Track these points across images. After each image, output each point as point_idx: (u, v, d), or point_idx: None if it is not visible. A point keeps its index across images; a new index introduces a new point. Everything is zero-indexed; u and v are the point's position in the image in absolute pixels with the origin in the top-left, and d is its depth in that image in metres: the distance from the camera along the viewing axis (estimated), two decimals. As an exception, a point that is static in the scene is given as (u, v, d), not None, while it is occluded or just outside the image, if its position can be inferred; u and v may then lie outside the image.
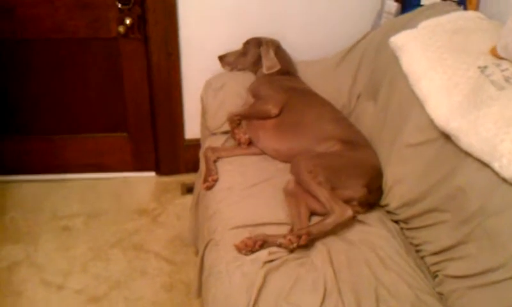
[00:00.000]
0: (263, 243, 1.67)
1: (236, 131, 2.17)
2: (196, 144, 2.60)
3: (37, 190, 2.80)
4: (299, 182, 1.86)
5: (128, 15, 2.42)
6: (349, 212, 1.73)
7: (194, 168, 2.36)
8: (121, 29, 2.43)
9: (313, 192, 1.79)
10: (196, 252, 2.21)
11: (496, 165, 1.41)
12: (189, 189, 2.74)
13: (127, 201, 2.75)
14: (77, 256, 2.41)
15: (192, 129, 2.76)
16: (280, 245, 1.66)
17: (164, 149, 2.86)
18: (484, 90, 1.58)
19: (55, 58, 2.56)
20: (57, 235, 2.52)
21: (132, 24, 2.44)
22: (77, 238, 2.51)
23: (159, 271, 2.34)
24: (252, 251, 1.66)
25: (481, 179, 1.48)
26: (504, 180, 1.40)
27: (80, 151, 2.83)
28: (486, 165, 1.46)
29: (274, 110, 2.12)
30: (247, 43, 2.44)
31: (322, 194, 1.76)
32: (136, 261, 2.39)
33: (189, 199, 2.53)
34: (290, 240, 1.64)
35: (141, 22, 2.46)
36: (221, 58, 2.46)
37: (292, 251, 1.68)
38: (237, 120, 2.19)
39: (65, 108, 2.71)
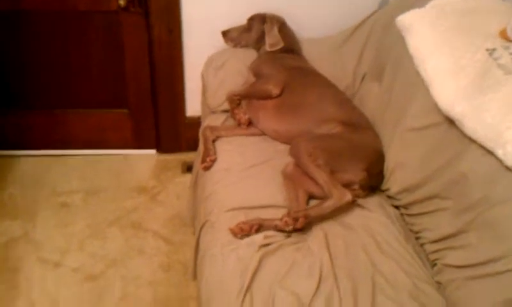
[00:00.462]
0: (259, 227, 1.64)
1: (236, 111, 2.12)
2: (197, 122, 2.54)
3: (37, 165, 2.77)
4: (298, 164, 1.81)
5: (129, -12, 2.36)
6: (348, 196, 1.68)
7: (196, 146, 2.30)
8: (121, 1, 2.37)
9: (311, 175, 1.74)
10: (194, 232, 2.17)
11: (500, 153, 1.35)
12: (189, 168, 2.69)
13: (127, 179, 2.72)
14: (74, 233, 2.38)
15: (193, 106, 2.70)
16: (275, 227, 1.63)
17: (165, 126, 2.81)
18: (491, 74, 1.52)
19: (55, 31, 2.50)
20: (55, 211, 2.50)
21: (132, -4, 2.38)
22: (75, 215, 2.48)
23: (156, 250, 2.31)
24: (248, 235, 1.62)
25: (485, 166, 1.43)
26: (508, 168, 1.35)
27: (82, 126, 2.79)
28: (490, 152, 1.41)
29: (275, 90, 2.06)
30: (251, 19, 2.37)
31: (321, 177, 1.71)
32: (133, 240, 2.36)
33: (189, 177, 2.49)
34: (286, 221, 1.61)
35: (142, -5, 2.40)
36: (225, 33, 2.39)
37: (288, 233, 1.65)
38: (236, 100, 2.14)
39: (66, 82, 2.66)
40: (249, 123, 2.12)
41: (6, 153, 2.81)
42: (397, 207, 1.82)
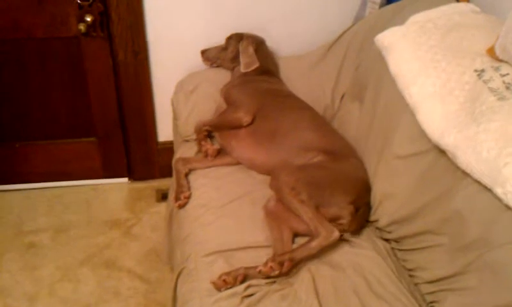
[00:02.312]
0: (243, 278, 1.51)
1: (203, 142, 1.99)
2: (170, 147, 2.42)
3: (0, 202, 2.60)
4: (280, 199, 1.68)
5: (89, 12, 2.19)
6: (336, 234, 1.57)
7: (170, 172, 2.17)
8: (81, 27, 2.20)
9: (295, 211, 1.62)
10: (172, 270, 2.04)
11: (499, 191, 1.24)
12: (164, 196, 2.56)
13: (97, 212, 2.56)
14: (43, 276, 2.22)
15: (165, 131, 2.57)
16: (260, 273, 1.50)
17: (136, 153, 2.66)
18: (482, 99, 1.41)
19: (12, 60, 2.33)
20: (22, 252, 2.33)
21: (93, 21, 2.21)
22: (43, 256, 2.32)
23: (133, 291, 2.17)
24: (231, 288, 1.50)
25: (481, 204, 1.31)
26: (508, 208, 1.23)
27: (45, 158, 2.62)
28: (486, 188, 1.29)
29: (245, 119, 1.93)
30: (229, 38, 2.24)
31: (306, 213, 1.59)
32: (107, 281, 2.21)
33: (164, 206, 2.36)
34: (271, 267, 1.49)
35: (103, 19, 2.23)
36: (203, 52, 2.28)
37: (272, 279, 1.53)
38: (204, 131, 2.01)
39: (26, 113, 2.48)
40: (219, 153, 1.99)
41: (-34, 190, 2.64)
42: (387, 240, 1.70)
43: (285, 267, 1.51)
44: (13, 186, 2.67)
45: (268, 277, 1.52)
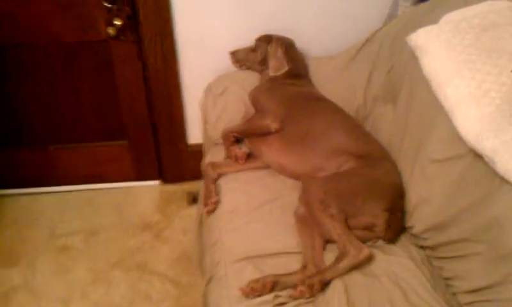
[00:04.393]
0: (273, 285, 1.48)
1: (231, 148, 1.97)
2: (200, 150, 2.39)
3: (33, 204, 2.63)
4: (309, 213, 1.64)
5: (118, 16, 2.19)
6: (365, 252, 1.52)
7: (200, 175, 2.15)
8: (111, 30, 2.20)
9: (324, 227, 1.58)
10: (202, 274, 2.03)
11: (540, 199, 1.18)
12: (194, 199, 2.55)
13: (129, 215, 2.57)
14: (76, 280, 2.24)
15: (195, 134, 2.56)
16: (290, 297, 1.47)
17: (166, 156, 2.66)
18: (521, 101, 1.35)
19: (42, 65, 2.34)
20: (55, 255, 2.36)
21: (122, 25, 2.21)
22: (76, 259, 2.34)
23: (164, 295, 2.17)
24: (260, 295, 1.47)
25: (522, 212, 1.26)
26: (551, 217, 1.18)
27: (77, 161, 2.64)
28: (527, 195, 1.24)
29: (274, 125, 1.89)
30: (258, 40, 2.20)
31: (335, 229, 1.55)
32: (139, 284, 2.22)
33: (195, 209, 2.35)
34: (301, 291, 1.45)
35: (132, 22, 2.23)
36: (232, 54, 2.25)
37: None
38: (231, 137, 1.99)
39: (58, 117, 2.50)
40: (249, 156, 1.96)
41: (1, 193, 2.68)
42: (422, 247, 1.65)
43: (315, 290, 1.48)
44: (46, 189, 2.70)
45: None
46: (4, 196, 2.67)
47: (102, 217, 2.55)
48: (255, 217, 1.75)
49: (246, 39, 2.25)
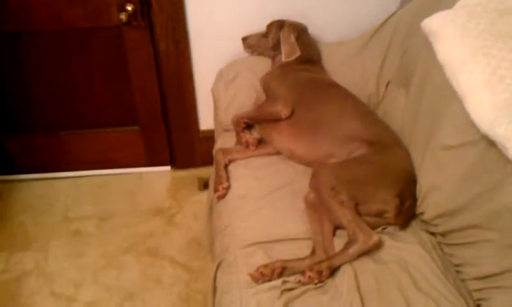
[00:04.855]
0: (281, 270, 1.48)
1: (242, 134, 1.96)
2: (212, 136, 2.39)
3: (47, 189, 2.66)
4: (319, 200, 1.64)
5: (130, 1, 2.19)
6: (374, 238, 1.52)
7: (211, 161, 2.16)
8: (123, 16, 2.20)
9: (334, 214, 1.57)
10: (213, 259, 2.03)
11: (553, 186, 1.16)
12: (206, 184, 2.56)
13: (141, 200, 2.59)
14: (88, 264, 2.27)
15: (207, 120, 2.55)
16: (299, 283, 1.47)
17: (178, 142, 2.67)
18: (536, 87, 1.32)
19: (56, 51, 2.35)
20: (68, 240, 2.38)
21: (134, 11, 2.21)
22: (88, 243, 2.36)
23: (175, 279, 2.19)
24: (269, 280, 1.47)
25: (535, 199, 1.24)
26: None
27: (90, 147, 2.66)
28: (540, 183, 1.22)
29: (284, 112, 1.88)
30: (270, 25, 2.18)
31: (345, 216, 1.54)
32: (150, 269, 2.23)
33: (206, 195, 2.35)
34: (310, 277, 1.45)
35: (144, 8, 2.22)
36: (244, 40, 2.23)
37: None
38: (242, 123, 1.98)
39: (71, 102, 2.52)
40: (260, 143, 1.96)
41: (15, 178, 2.71)
42: (433, 234, 1.64)
43: (324, 276, 1.48)
44: (59, 174, 2.73)
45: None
46: (17, 181, 2.70)
47: (114, 203, 2.57)
48: (265, 203, 1.75)
49: (258, 25, 2.23)
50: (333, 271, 1.50)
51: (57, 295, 2.15)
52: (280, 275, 1.48)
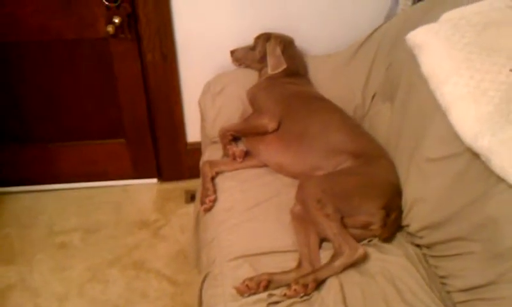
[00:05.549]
0: (268, 283, 1.47)
1: (229, 146, 1.96)
2: (199, 148, 2.40)
3: (32, 202, 2.64)
4: (305, 212, 1.64)
5: (117, 13, 2.19)
6: (360, 251, 1.51)
7: (199, 173, 2.15)
8: (110, 28, 2.19)
9: (320, 226, 1.57)
10: (199, 272, 2.02)
11: (536, 199, 1.17)
12: (192, 197, 2.55)
13: (127, 212, 2.57)
14: (73, 277, 2.24)
15: (194, 132, 2.55)
16: (285, 296, 1.46)
17: (165, 154, 2.67)
18: (518, 100, 1.34)
19: (42, 62, 2.34)
20: (53, 253, 2.36)
21: (121, 23, 2.21)
22: (73, 256, 2.34)
23: (160, 293, 2.17)
24: (255, 294, 1.46)
25: (518, 210, 1.25)
26: (547, 216, 1.17)
27: (76, 159, 2.64)
28: (523, 194, 1.23)
29: (271, 125, 1.89)
30: (257, 38, 2.20)
31: (330, 229, 1.54)
32: (135, 282, 2.21)
33: (193, 208, 2.35)
34: (296, 290, 1.44)
35: (131, 20, 2.23)
36: (232, 53, 2.25)
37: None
38: (229, 136, 1.98)
39: (57, 114, 2.51)
40: (247, 155, 1.96)
41: (0, 191, 2.68)
42: (418, 246, 1.64)
43: (310, 289, 1.47)
44: (45, 186, 2.71)
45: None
46: (2, 194, 2.68)
47: (100, 215, 2.55)
48: (252, 215, 1.74)
49: (246, 37, 2.25)
50: (319, 284, 1.49)
51: (41, 309, 2.12)
52: (266, 288, 1.47)
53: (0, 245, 2.41)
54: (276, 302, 1.45)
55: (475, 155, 1.40)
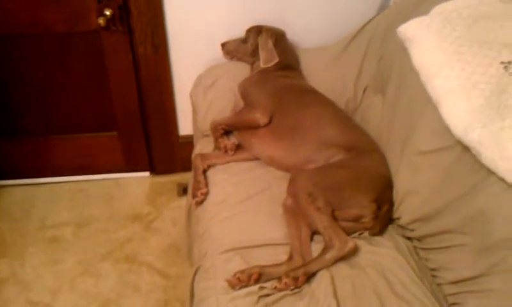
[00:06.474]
0: (259, 276, 1.48)
1: (220, 139, 1.96)
2: (191, 141, 2.40)
3: (24, 195, 2.62)
4: (297, 205, 1.64)
5: (108, 6, 2.17)
6: (350, 245, 1.52)
7: (191, 166, 2.15)
8: (101, 20, 2.18)
9: (310, 219, 1.57)
10: (191, 265, 2.02)
11: (525, 191, 1.18)
12: (185, 189, 2.54)
13: (119, 206, 2.56)
14: (65, 271, 2.24)
15: (186, 125, 2.55)
16: (275, 289, 1.46)
17: (157, 147, 2.66)
18: (509, 93, 1.34)
19: (33, 55, 2.33)
20: (45, 247, 2.35)
21: (113, 15, 2.19)
22: (65, 250, 2.33)
23: (152, 286, 2.17)
24: (246, 286, 1.47)
25: (507, 204, 1.26)
26: (536, 208, 1.17)
27: (68, 152, 2.63)
28: (512, 187, 1.24)
29: (262, 119, 1.89)
30: (249, 31, 2.18)
31: (321, 222, 1.54)
32: (127, 276, 2.21)
33: (185, 201, 2.34)
34: (286, 283, 1.45)
35: (123, 12, 2.21)
36: (223, 45, 2.23)
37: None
38: (220, 129, 1.98)
39: (49, 107, 2.49)
40: (238, 148, 1.95)
41: (-7, 184, 2.67)
42: (409, 238, 1.65)
43: (300, 282, 1.48)
44: (36, 180, 2.69)
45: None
46: (-3, 187, 2.67)
47: (91, 209, 2.54)
48: (243, 208, 1.74)
49: (238, 30, 2.24)
50: (309, 277, 1.50)
51: (33, 303, 2.11)
52: (257, 281, 1.47)
53: (-8, 238, 2.40)
54: (267, 295, 1.45)
55: (466, 149, 1.40)
